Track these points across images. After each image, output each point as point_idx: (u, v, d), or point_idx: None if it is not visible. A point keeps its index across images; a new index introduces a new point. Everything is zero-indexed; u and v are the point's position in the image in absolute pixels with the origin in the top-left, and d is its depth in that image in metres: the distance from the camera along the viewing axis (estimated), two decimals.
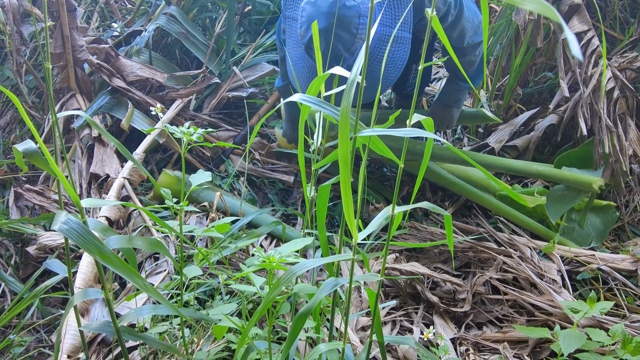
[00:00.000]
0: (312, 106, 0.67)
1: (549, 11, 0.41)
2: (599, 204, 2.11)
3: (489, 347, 1.65)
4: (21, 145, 0.87)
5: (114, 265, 0.83)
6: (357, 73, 0.59)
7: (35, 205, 2.02)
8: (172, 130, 0.97)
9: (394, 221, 0.77)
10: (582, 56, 2.02)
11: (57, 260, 1.19)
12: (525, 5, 0.43)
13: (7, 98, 2.68)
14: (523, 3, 0.43)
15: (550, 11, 0.41)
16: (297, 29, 1.66)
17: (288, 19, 1.71)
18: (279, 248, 0.92)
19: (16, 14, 2.25)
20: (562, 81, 2.07)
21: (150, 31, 2.49)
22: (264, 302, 0.76)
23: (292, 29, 1.70)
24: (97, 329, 1.06)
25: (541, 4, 0.42)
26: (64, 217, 0.85)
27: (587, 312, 1.51)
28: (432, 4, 0.61)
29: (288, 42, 1.74)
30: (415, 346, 0.87)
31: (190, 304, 1.45)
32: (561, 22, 0.41)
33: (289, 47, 1.73)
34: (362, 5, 1.54)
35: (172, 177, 2.12)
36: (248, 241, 1.38)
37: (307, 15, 1.56)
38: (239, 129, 2.52)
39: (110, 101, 2.35)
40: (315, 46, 0.87)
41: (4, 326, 1.76)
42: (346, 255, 0.75)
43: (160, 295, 0.87)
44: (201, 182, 1.07)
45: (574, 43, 0.40)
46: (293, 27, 1.69)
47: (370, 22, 0.68)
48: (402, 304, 1.82)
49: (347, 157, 0.61)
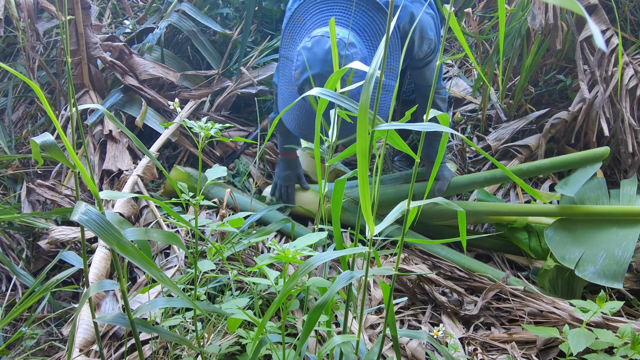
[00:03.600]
0: (331, 100, 0.68)
1: (572, 4, 0.42)
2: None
3: (497, 347, 1.65)
4: (39, 138, 0.87)
5: (131, 256, 0.84)
6: (376, 67, 0.60)
7: (47, 200, 2.04)
8: (190, 125, 0.98)
9: (408, 216, 0.78)
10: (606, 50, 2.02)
11: (72, 253, 1.20)
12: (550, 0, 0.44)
13: (19, 94, 2.70)
14: None
15: (574, 4, 0.42)
16: (292, 70, 1.72)
17: (283, 57, 1.79)
18: (294, 242, 0.93)
19: (31, 11, 2.27)
20: (582, 83, 2.07)
21: (162, 28, 2.50)
22: (282, 292, 0.77)
23: (285, 68, 1.78)
24: (112, 320, 1.07)
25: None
26: (83, 208, 0.85)
27: (596, 312, 1.51)
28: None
29: (281, 79, 1.81)
30: (428, 340, 0.88)
31: (201, 299, 1.46)
32: (585, 15, 0.42)
33: (281, 84, 1.81)
34: (355, 55, 1.61)
35: (182, 173, 2.13)
36: (259, 237, 1.39)
37: (302, 60, 1.63)
38: (251, 129, 2.53)
39: (122, 98, 2.37)
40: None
41: (15, 319, 1.78)
42: (362, 248, 0.75)
43: (176, 286, 0.88)
44: (217, 176, 1.08)
45: (598, 36, 0.41)
46: (287, 66, 1.77)
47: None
48: (410, 304, 1.83)
49: (365, 150, 0.62)
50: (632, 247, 1.83)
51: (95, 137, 2.28)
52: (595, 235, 1.91)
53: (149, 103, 2.39)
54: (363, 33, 1.70)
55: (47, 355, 1.63)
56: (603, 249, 1.86)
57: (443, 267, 1.95)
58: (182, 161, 2.43)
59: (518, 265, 2.12)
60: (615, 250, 1.83)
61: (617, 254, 1.82)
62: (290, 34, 1.77)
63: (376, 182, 0.81)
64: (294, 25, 1.76)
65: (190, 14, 2.58)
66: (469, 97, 2.81)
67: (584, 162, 1.98)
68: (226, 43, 2.71)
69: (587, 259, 1.86)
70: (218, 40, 2.75)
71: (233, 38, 2.67)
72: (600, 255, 1.85)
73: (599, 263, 1.83)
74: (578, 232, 1.94)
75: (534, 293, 1.81)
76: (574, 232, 1.94)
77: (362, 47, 1.66)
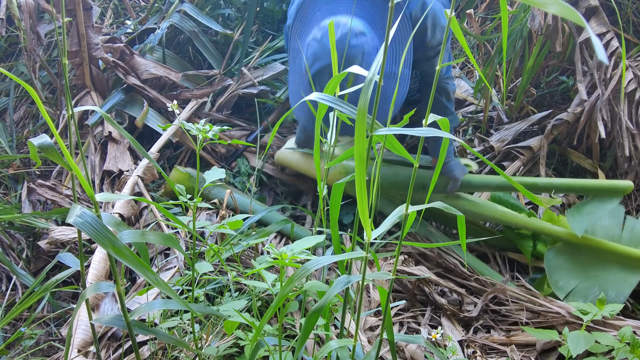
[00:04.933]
0: (329, 104, 0.67)
1: (571, 14, 0.41)
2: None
3: (496, 350, 1.65)
4: (36, 140, 0.87)
5: (126, 260, 0.84)
6: (375, 72, 0.60)
7: (48, 200, 2.05)
8: (188, 128, 0.97)
9: (407, 220, 0.78)
10: (607, 61, 2.01)
11: (70, 254, 1.20)
12: (548, 8, 0.44)
13: (21, 93, 2.71)
14: (547, 6, 0.44)
15: (573, 14, 0.41)
16: (302, 61, 1.71)
17: (293, 50, 1.78)
18: (291, 245, 0.93)
19: (32, 12, 2.27)
20: (580, 85, 2.06)
21: (163, 29, 2.50)
22: (278, 298, 0.77)
23: (295, 59, 1.77)
24: (109, 322, 1.06)
25: (564, 7, 0.42)
26: (78, 211, 0.85)
27: (596, 314, 1.51)
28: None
29: (291, 70, 1.81)
30: (425, 345, 0.88)
31: (199, 300, 1.46)
32: (585, 25, 0.41)
33: (292, 75, 1.80)
34: (365, 44, 1.60)
35: (183, 173, 2.13)
36: (258, 239, 1.39)
37: (312, 52, 1.62)
38: (251, 128, 2.53)
39: (124, 99, 2.36)
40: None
41: (15, 319, 1.78)
42: (359, 253, 0.75)
43: (172, 290, 0.88)
44: (215, 179, 1.07)
45: (599, 47, 0.40)
46: (298, 58, 1.75)
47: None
48: (409, 306, 1.82)
49: (363, 154, 0.62)
50: (627, 292, 1.79)
51: (96, 138, 2.28)
52: (594, 269, 1.87)
53: (151, 103, 2.38)
54: (374, 22, 1.67)
55: (47, 355, 1.63)
56: (598, 285, 1.83)
57: (443, 266, 1.94)
58: (184, 161, 2.43)
59: (520, 264, 2.10)
60: (609, 291, 1.80)
61: (611, 295, 1.79)
62: (299, 25, 1.75)
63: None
64: (302, 16, 1.74)
65: (192, 15, 2.57)
66: (470, 99, 2.81)
67: (604, 192, 1.91)
68: (227, 43, 2.70)
69: (579, 292, 1.83)
70: (219, 41, 2.75)
71: (234, 38, 2.67)
72: (593, 290, 1.82)
73: (589, 299, 1.80)
74: (579, 261, 1.90)
75: (534, 294, 1.81)
76: (575, 260, 1.90)
77: (373, 36, 1.64)
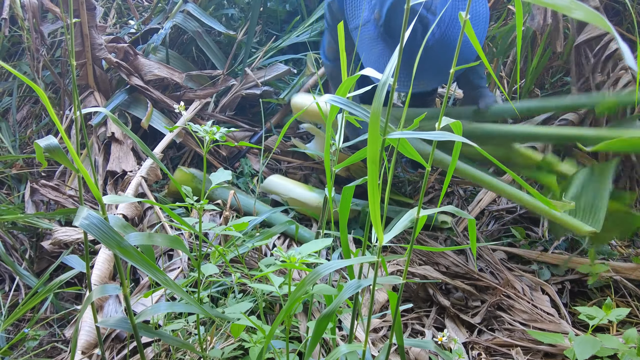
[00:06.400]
0: (341, 107, 0.67)
1: (597, 19, 0.41)
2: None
3: (501, 352, 1.64)
4: (43, 141, 0.87)
5: (134, 260, 0.83)
6: (389, 75, 0.59)
7: (51, 200, 2.04)
8: (195, 129, 0.97)
9: (418, 224, 0.77)
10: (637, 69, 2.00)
11: (74, 256, 1.19)
12: (574, 14, 0.43)
13: (24, 93, 2.70)
14: (572, 11, 0.43)
15: (599, 19, 0.41)
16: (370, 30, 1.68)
17: (355, 29, 1.74)
18: (299, 248, 0.92)
19: (36, 11, 2.27)
20: (573, 88, 2.07)
21: (167, 29, 2.50)
22: (289, 302, 0.76)
23: (362, 34, 1.72)
24: (114, 324, 1.06)
25: (590, 13, 0.42)
26: (85, 213, 0.84)
27: (602, 319, 1.50)
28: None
29: (360, 47, 1.75)
30: (435, 350, 0.87)
31: (204, 302, 1.45)
32: (613, 31, 0.41)
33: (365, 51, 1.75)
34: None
35: (187, 174, 2.12)
36: (263, 241, 1.38)
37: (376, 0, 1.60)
38: (255, 129, 2.53)
39: (127, 99, 2.36)
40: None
41: (18, 320, 1.77)
42: (371, 257, 0.74)
43: (183, 290, 0.87)
44: (221, 180, 1.07)
45: (627, 54, 0.40)
46: (363, 32, 1.72)
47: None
48: (413, 307, 1.82)
49: (376, 157, 0.61)
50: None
51: (99, 138, 2.28)
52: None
53: (154, 104, 2.38)
54: None
55: (50, 356, 1.62)
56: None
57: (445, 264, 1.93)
58: (187, 161, 2.42)
59: (523, 259, 2.08)
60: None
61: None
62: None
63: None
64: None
65: (195, 15, 2.57)
66: None
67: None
68: (231, 44, 2.70)
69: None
70: (223, 41, 2.74)
71: (238, 39, 2.67)
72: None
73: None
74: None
75: (539, 298, 1.80)
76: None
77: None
